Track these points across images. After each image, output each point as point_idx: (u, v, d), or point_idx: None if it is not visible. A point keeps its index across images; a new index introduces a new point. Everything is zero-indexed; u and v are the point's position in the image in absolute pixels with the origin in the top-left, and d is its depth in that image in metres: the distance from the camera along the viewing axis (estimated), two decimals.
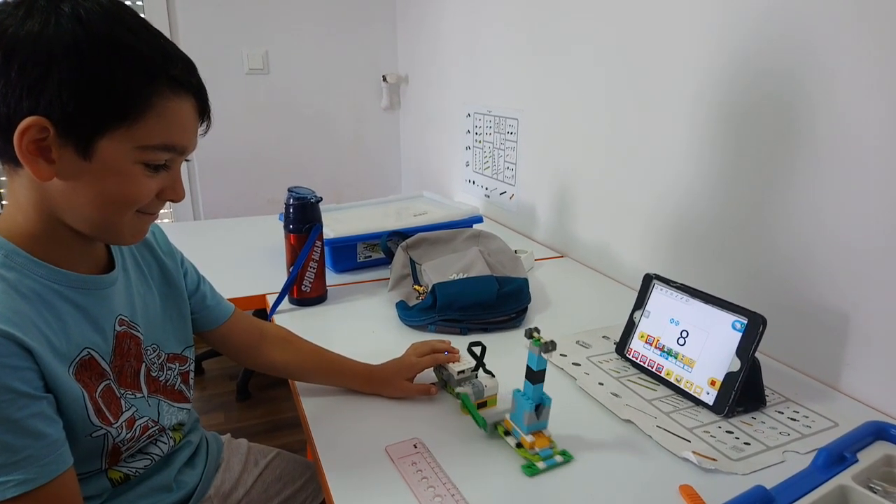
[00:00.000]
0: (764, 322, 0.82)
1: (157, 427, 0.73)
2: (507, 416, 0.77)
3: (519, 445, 0.75)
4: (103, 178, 0.59)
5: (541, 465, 0.72)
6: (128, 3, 2.33)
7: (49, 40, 0.54)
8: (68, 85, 0.54)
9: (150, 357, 0.75)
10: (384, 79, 2.66)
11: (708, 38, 1.10)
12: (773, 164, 1.01)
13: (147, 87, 0.58)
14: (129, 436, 0.68)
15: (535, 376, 0.71)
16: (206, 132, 0.67)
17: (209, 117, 0.66)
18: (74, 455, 0.60)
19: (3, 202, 2.27)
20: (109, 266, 0.71)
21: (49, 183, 0.58)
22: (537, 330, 0.70)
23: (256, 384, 2.29)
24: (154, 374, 0.75)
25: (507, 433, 0.76)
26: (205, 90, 0.64)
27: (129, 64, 0.57)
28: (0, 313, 0.55)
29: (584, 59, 1.45)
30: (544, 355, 0.69)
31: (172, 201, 0.67)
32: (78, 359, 0.63)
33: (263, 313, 1.22)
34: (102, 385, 0.66)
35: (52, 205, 0.60)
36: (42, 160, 0.57)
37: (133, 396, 0.70)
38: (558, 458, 0.73)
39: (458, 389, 0.85)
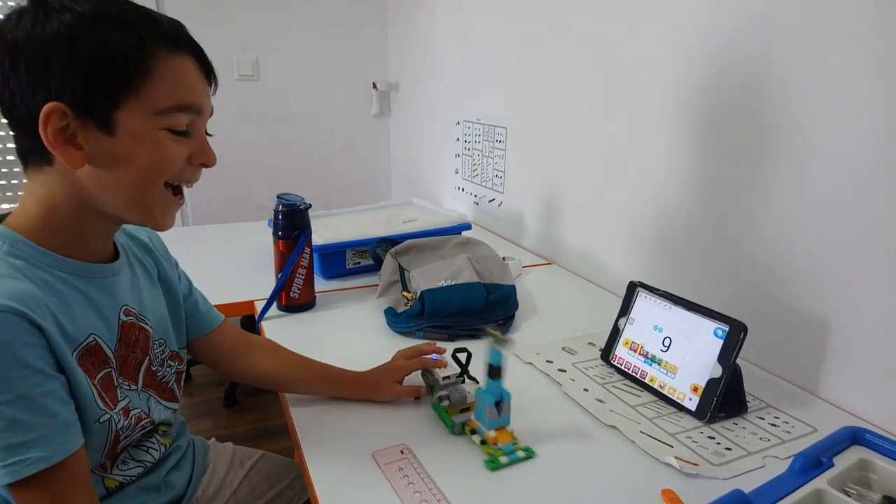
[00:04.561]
0: (745, 329, 0.84)
1: (148, 420, 0.74)
2: (473, 416, 0.79)
3: (484, 442, 0.77)
4: (132, 150, 0.61)
5: (503, 459, 0.74)
6: None
7: (43, 32, 0.57)
8: (70, 66, 0.57)
9: (156, 351, 0.76)
10: (374, 86, 2.67)
11: (688, 52, 1.12)
12: (751, 175, 1.03)
13: (141, 50, 0.60)
14: (126, 423, 0.69)
15: (494, 372, 0.74)
16: (214, 91, 0.68)
17: (214, 76, 0.68)
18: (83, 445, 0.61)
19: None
20: (115, 259, 0.72)
21: (81, 171, 0.61)
22: (496, 325, 0.73)
23: (244, 391, 2.28)
24: (154, 369, 0.75)
25: (474, 432, 0.79)
26: (201, 48, 0.66)
27: (118, 31, 0.59)
28: (12, 293, 0.57)
29: (571, 70, 1.47)
30: (498, 347, 0.73)
31: (205, 165, 0.68)
32: (84, 344, 0.64)
33: (251, 319, 1.23)
34: (103, 372, 0.67)
35: (83, 195, 0.62)
36: (71, 147, 0.59)
37: (128, 388, 0.71)
38: (520, 454, 0.75)
39: (438, 393, 0.85)
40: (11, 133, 0.62)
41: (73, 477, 0.59)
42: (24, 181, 0.65)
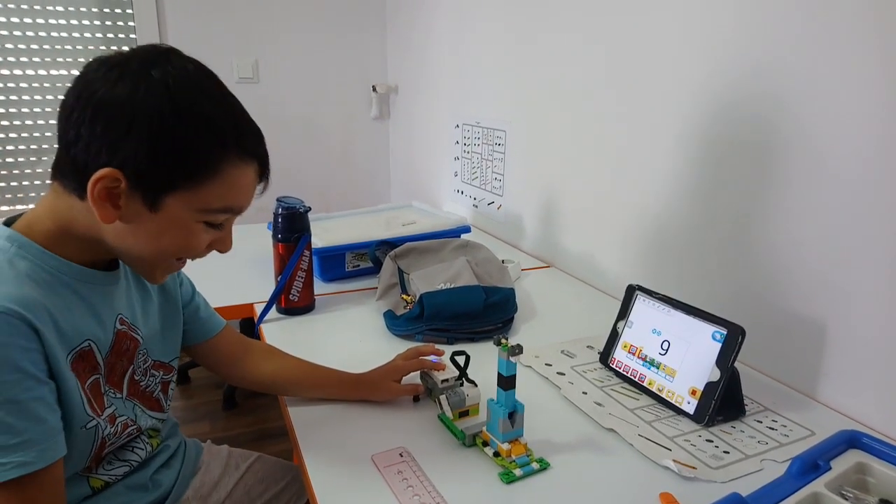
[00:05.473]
0: (743, 333, 0.84)
1: (135, 426, 0.74)
2: (484, 428, 0.78)
3: (497, 455, 0.76)
4: (165, 230, 0.63)
5: (518, 472, 0.73)
6: (118, 10, 2.31)
7: (134, 105, 0.58)
8: (145, 145, 0.58)
9: (139, 360, 0.76)
10: (374, 89, 2.68)
11: (693, 58, 1.13)
12: (749, 180, 1.03)
13: (216, 155, 0.62)
14: (112, 430, 0.70)
15: (505, 382, 0.73)
16: (262, 193, 0.71)
17: (267, 180, 0.70)
18: (67, 451, 0.61)
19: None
20: (114, 268, 0.73)
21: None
22: (505, 337, 0.72)
23: (243, 393, 2.28)
24: (137, 378, 0.76)
25: (486, 444, 0.78)
26: (268, 157, 0.69)
27: (204, 133, 0.61)
28: (13, 296, 0.57)
29: (572, 73, 1.48)
30: (512, 359, 0.72)
31: (219, 251, 0.71)
32: (78, 348, 0.65)
33: (251, 322, 1.23)
34: (92, 378, 0.67)
35: (99, 232, 0.64)
36: (109, 205, 0.61)
37: (114, 395, 0.71)
38: (535, 466, 0.75)
39: (440, 399, 0.85)
40: (56, 149, 0.63)
41: (48, 486, 0.59)
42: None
